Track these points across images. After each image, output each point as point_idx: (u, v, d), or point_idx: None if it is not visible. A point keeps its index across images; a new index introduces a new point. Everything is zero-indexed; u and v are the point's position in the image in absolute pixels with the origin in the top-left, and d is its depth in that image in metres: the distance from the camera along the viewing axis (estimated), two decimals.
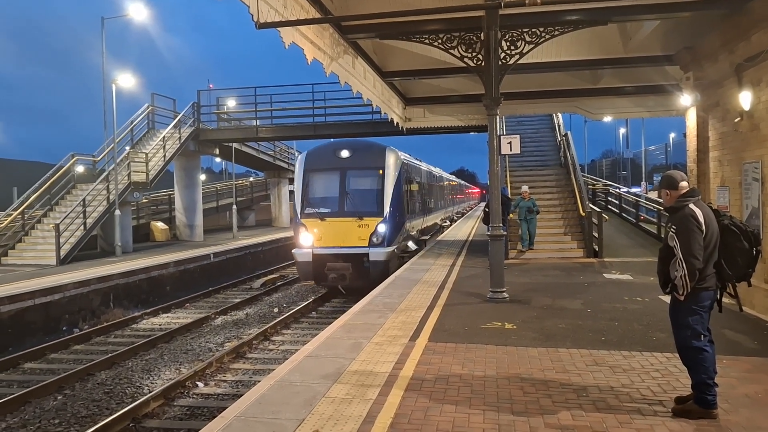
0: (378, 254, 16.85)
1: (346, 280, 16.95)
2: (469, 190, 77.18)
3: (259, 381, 7.31)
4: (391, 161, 17.86)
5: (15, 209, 23.22)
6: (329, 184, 17.84)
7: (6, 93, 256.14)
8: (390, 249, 17.11)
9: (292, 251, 17.89)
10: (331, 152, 18.42)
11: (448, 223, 35.68)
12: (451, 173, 59.73)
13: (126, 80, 23.19)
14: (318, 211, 17.49)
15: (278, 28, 9.59)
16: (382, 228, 16.98)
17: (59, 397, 9.95)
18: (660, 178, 6.07)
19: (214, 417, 5.83)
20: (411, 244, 19.96)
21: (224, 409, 6.03)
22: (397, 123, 21.19)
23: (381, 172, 17.66)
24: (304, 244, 17.34)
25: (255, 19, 8.90)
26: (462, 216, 49.08)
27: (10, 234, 22.17)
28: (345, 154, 18.05)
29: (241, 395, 6.56)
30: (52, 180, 24.08)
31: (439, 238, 26.41)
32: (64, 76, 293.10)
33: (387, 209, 17.24)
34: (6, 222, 22.42)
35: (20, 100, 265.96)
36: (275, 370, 7.09)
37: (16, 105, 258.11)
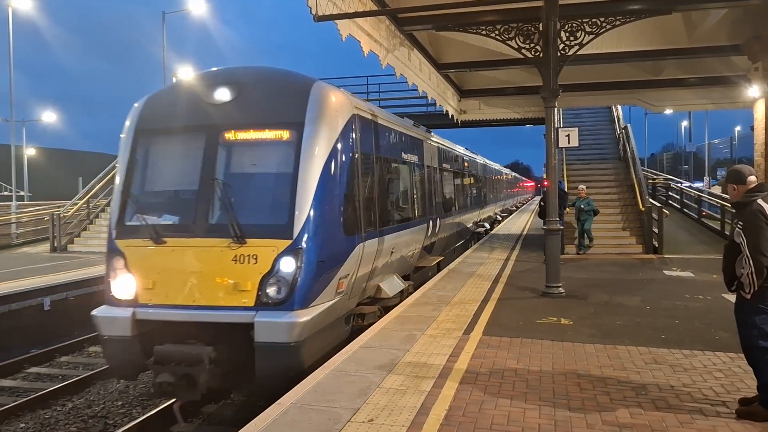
0: (275, 328, 7.33)
1: (196, 389, 7.40)
2: (523, 184, 75.91)
3: None
4: (323, 112, 8.17)
5: (80, 198, 24.22)
6: (180, 164, 8.69)
7: (70, 86, 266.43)
8: (307, 315, 7.46)
9: (92, 312, 8.12)
10: (195, 94, 8.61)
11: (483, 229, 25.40)
12: (505, 166, 58.87)
13: (186, 72, 23.80)
14: (152, 223, 8.12)
15: (335, 21, 9.67)
16: (291, 263, 7.52)
17: None
18: (726, 172, 5.89)
19: None
20: (393, 284, 10.94)
21: None
22: (452, 115, 21.06)
23: (295, 134, 8.00)
24: (119, 297, 8.01)
25: (313, 12, 9.00)
26: (508, 214, 40.28)
27: (76, 222, 23.23)
28: (222, 95, 8.36)
29: None
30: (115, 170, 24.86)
31: (493, 232, 26.15)
32: (124, 69, 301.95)
33: (309, 219, 7.65)
34: (72, 211, 23.39)
35: (83, 93, 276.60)
36: (330, 359, 7.17)
37: (80, 97, 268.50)
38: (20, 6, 27.74)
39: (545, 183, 12.82)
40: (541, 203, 15.85)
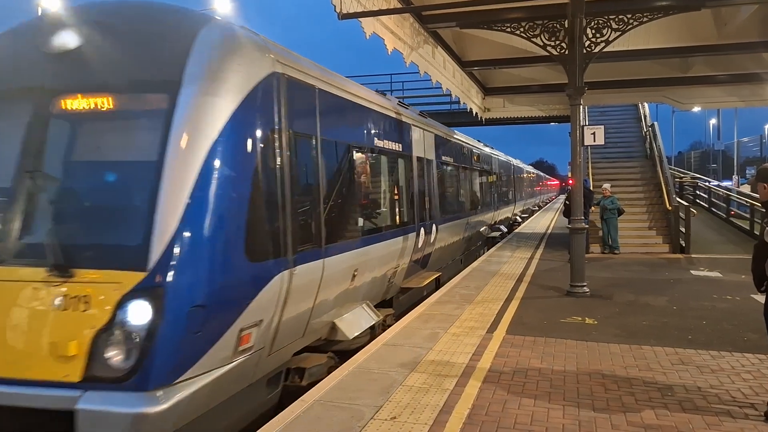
0: (110, 423, 4.43)
1: None
2: (546, 182, 75.09)
3: None
4: (216, 66, 5.37)
5: None
6: None
7: None
8: (171, 399, 4.61)
9: None
10: (32, 40, 5.63)
11: (499, 233, 23.02)
12: (529, 164, 58.40)
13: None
14: None
15: (359, 19, 9.68)
16: (143, 311, 4.62)
17: None
18: (756, 170, 5.79)
19: None
20: (358, 319, 8.34)
21: None
22: (476, 113, 20.97)
23: (167, 101, 5.13)
24: None
25: (338, 11, 9.01)
26: (529, 215, 38.19)
27: None
28: (63, 41, 5.42)
29: None
30: None
31: (516, 231, 25.97)
32: None
33: (179, 237, 4.76)
34: None
35: None
36: (353, 357, 7.19)
37: None
38: None
39: (570, 181, 12.69)
40: (566, 202, 15.72)
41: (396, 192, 10.33)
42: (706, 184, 29.76)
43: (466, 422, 5.15)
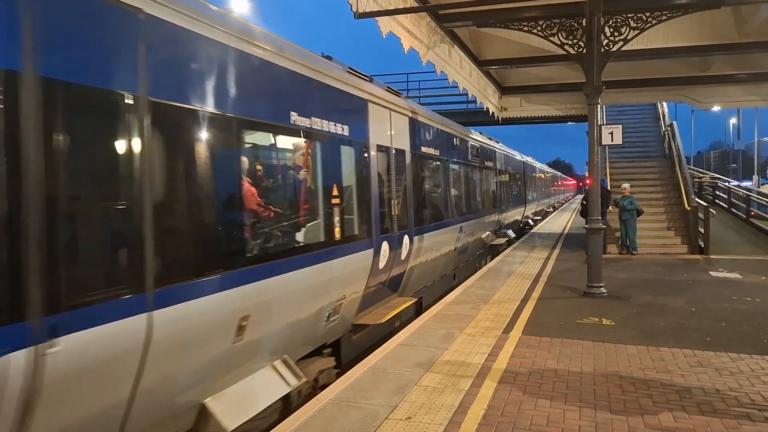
0: None
1: None
2: (562, 182, 74.41)
3: None
4: None
5: None
6: None
7: None
8: None
9: None
10: None
11: (505, 240, 20.42)
12: (546, 164, 58.08)
13: None
14: None
15: (376, 18, 9.67)
16: None
17: None
18: None
19: None
20: (250, 396, 5.51)
21: None
22: (493, 112, 20.88)
23: None
24: None
25: (354, 10, 9.01)
26: (543, 217, 35.67)
27: None
28: None
29: None
30: None
31: (533, 231, 25.83)
32: None
33: None
34: None
35: None
36: (367, 357, 7.18)
37: None
38: None
39: (587, 181, 12.59)
40: (583, 202, 15.61)
41: (335, 193, 7.31)
42: (726, 184, 29.42)
43: (481, 423, 5.13)
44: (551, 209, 45.43)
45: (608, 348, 7.48)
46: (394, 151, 9.54)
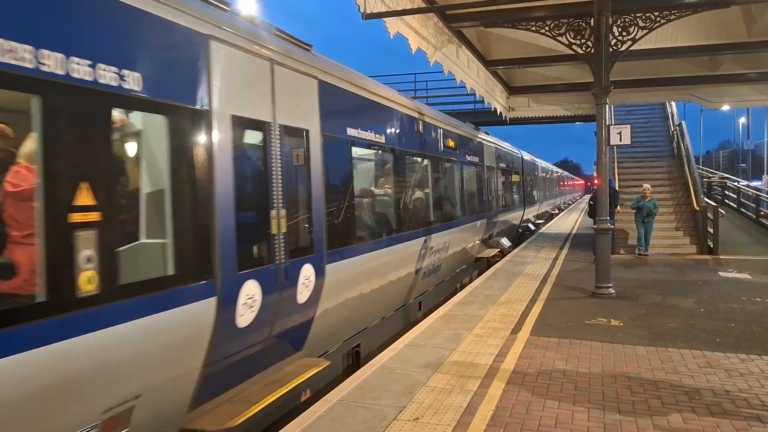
0: None
1: None
2: (569, 182, 73.71)
3: None
4: None
5: None
6: None
7: None
8: None
9: None
10: None
11: (497, 250, 17.40)
12: (554, 164, 57.88)
13: None
14: None
15: (383, 18, 9.67)
16: None
17: None
18: None
19: None
20: None
21: None
22: (501, 112, 20.83)
23: None
24: None
25: (362, 10, 9.01)
26: (547, 219, 33.73)
27: None
28: None
29: None
30: None
31: (540, 231, 25.75)
32: None
33: None
34: None
35: None
36: (375, 358, 7.19)
37: None
38: None
39: (595, 181, 12.54)
40: (591, 202, 15.55)
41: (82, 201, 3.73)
42: (735, 184, 29.26)
43: (489, 424, 5.12)
44: (557, 211, 42.54)
45: (617, 349, 7.46)
46: (278, 130, 5.92)
